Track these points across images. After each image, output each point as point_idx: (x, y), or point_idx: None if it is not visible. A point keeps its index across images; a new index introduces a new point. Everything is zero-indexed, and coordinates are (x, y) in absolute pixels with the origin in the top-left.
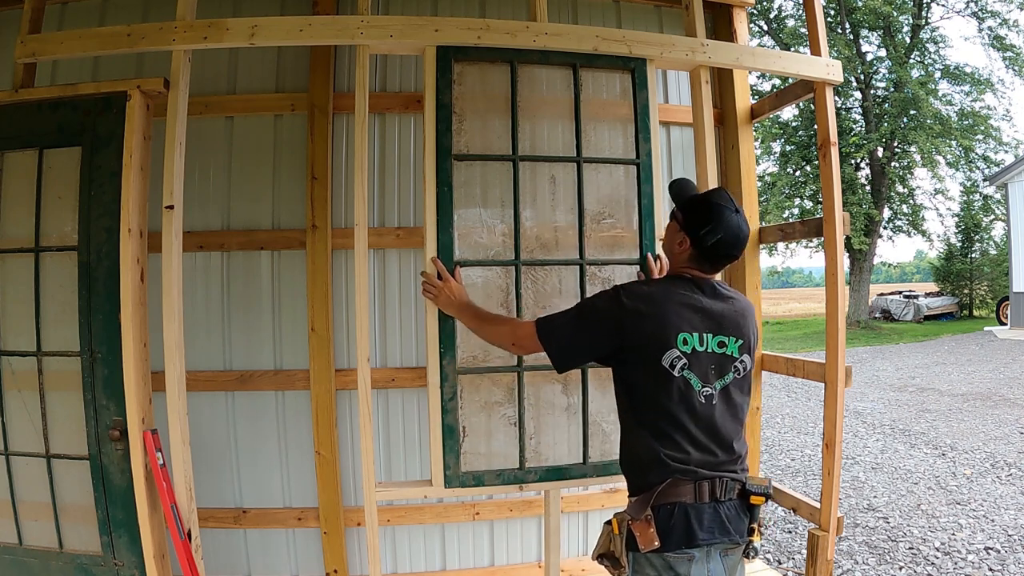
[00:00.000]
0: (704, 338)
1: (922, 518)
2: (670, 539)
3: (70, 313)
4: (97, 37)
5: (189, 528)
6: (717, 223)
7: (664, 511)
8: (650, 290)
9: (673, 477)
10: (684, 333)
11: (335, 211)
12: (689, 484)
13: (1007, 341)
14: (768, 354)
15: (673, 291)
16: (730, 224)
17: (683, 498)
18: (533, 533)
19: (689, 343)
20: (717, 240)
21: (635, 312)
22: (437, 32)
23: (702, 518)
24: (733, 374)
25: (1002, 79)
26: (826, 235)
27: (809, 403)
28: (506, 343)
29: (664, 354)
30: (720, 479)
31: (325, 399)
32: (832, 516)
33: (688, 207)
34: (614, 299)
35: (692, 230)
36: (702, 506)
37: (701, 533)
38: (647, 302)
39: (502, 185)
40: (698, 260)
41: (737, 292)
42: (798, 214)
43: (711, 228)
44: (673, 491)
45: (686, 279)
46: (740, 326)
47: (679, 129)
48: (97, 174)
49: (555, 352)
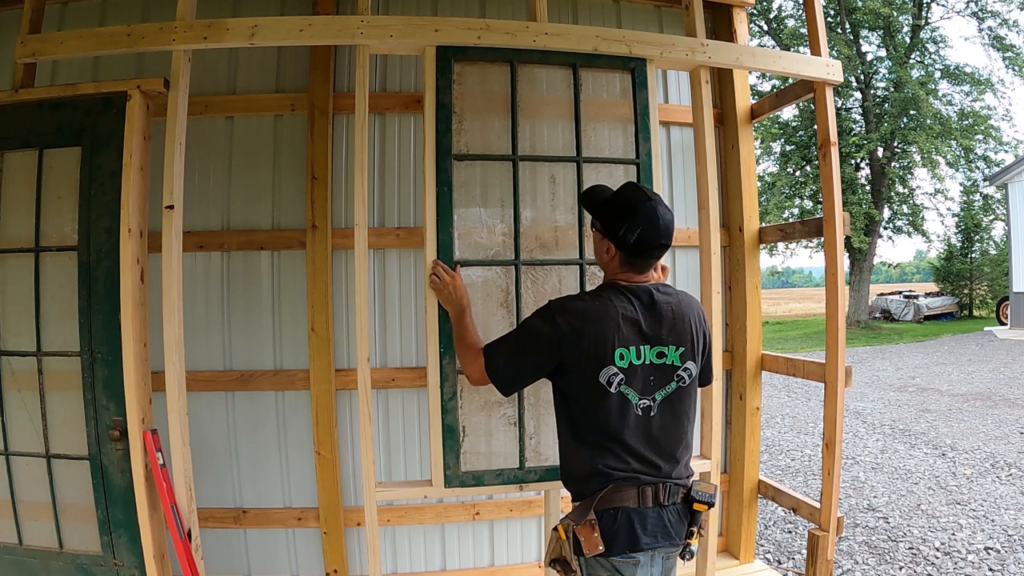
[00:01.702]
0: (641, 351)
1: (922, 518)
2: (614, 544)
3: (70, 313)
4: (97, 37)
5: (189, 528)
6: (633, 217)
7: (607, 516)
8: (584, 306)
9: (615, 483)
10: (620, 348)
11: (335, 211)
12: (632, 489)
13: (1007, 341)
14: (768, 354)
15: (608, 304)
16: (647, 214)
17: (626, 503)
18: (533, 533)
19: (626, 358)
20: (638, 234)
21: (571, 331)
22: (437, 32)
23: (646, 523)
24: (676, 383)
25: (1002, 79)
26: (826, 235)
27: (809, 403)
28: (465, 370)
29: (601, 371)
30: (664, 484)
31: (325, 399)
32: (832, 516)
33: (602, 211)
34: (549, 320)
35: (612, 234)
36: (646, 511)
37: (645, 538)
38: (582, 319)
39: (502, 185)
40: (629, 262)
41: (678, 291)
42: (798, 214)
43: (628, 225)
44: (616, 496)
45: (620, 288)
46: (680, 332)
47: (679, 129)
48: (97, 174)
49: (500, 384)
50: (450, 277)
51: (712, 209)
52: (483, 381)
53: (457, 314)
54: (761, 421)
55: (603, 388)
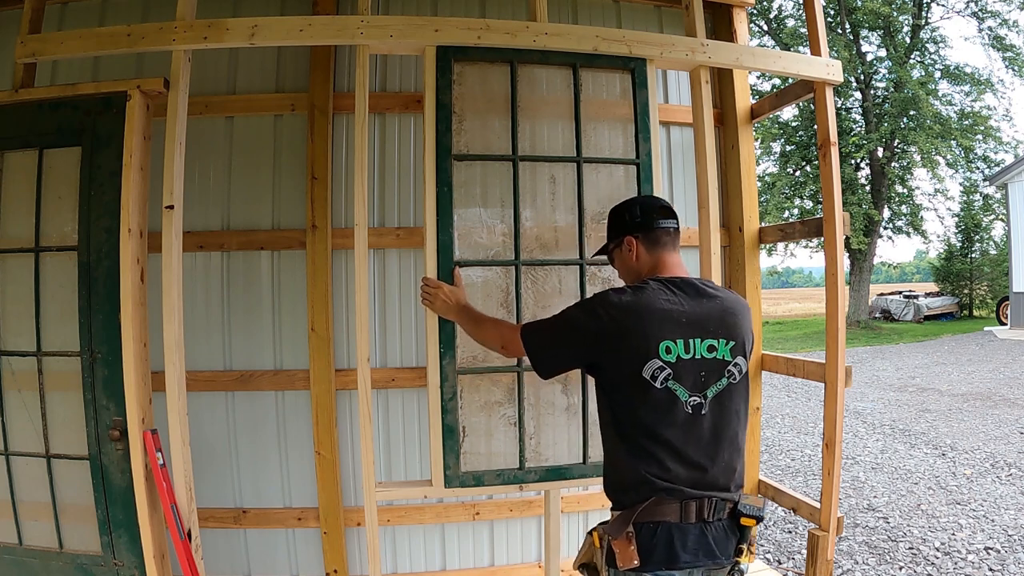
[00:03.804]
0: (691, 344)
1: (922, 518)
2: (650, 559)
3: (70, 313)
4: (97, 37)
5: (189, 528)
6: (629, 204)
7: (647, 530)
8: (628, 299)
9: (657, 495)
10: (667, 341)
11: (335, 211)
12: (675, 503)
13: (1007, 341)
14: (768, 354)
15: (653, 297)
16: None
17: (667, 517)
18: (533, 533)
19: (673, 351)
20: (640, 207)
21: (612, 324)
22: (437, 32)
23: (686, 539)
24: (728, 379)
25: (1002, 79)
26: (826, 235)
27: (809, 403)
28: (495, 345)
29: (644, 365)
30: (709, 499)
31: (325, 399)
32: (832, 516)
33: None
34: (591, 311)
35: (624, 229)
36: (687, 527)
37: (684, 555)
38: (624, 312)
39: (502, 185)
40: (652, 240)
41: (726, 290)
42: (798, 214)
43: (629, 209)
44: (657, 510)
45: (662, 280)
46: (731, 326)
47: (679, 129)
48: (97, 174)
49: (536, 360)
50: (435, 287)
51: (712, 209)
52: (515, 350)
53: (458, 313)
54: (761, 421)
55: (646, 383)
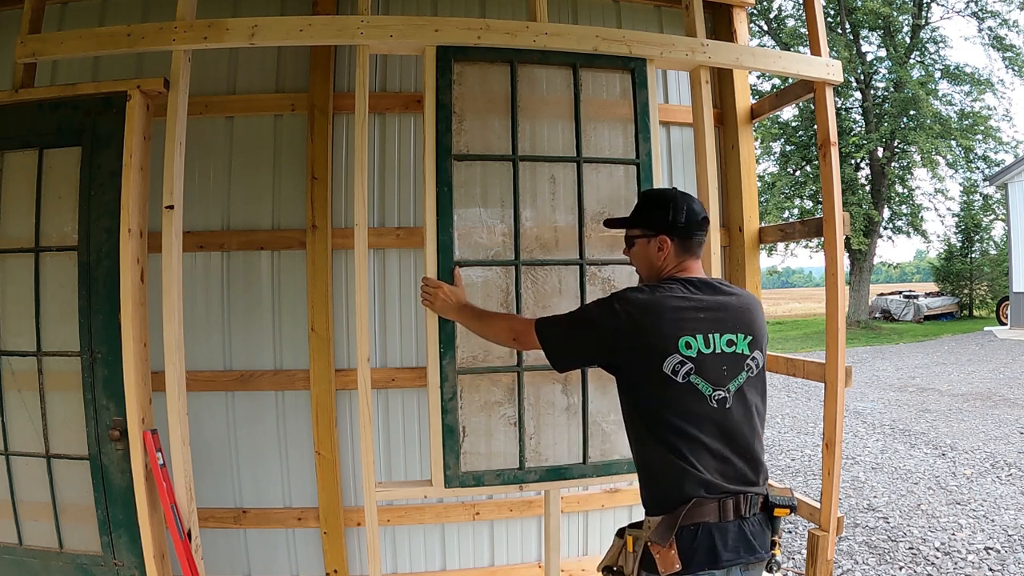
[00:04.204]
0: (711, 339)
1: (922, 518)
2: (692, 562)
3: (70, 313)
4: (97, 37)
5: (189, 528)
6: (675, 202)
7: (687, 532)
8: (646, 297)
9: (697, 496)
10: (686, 336)
11: (335, 211)
12: (713, 503)
13: (1007, 341)
14: (768, 354)
15: (670, 295)
16: (681, 196)
17: (707, 518)
18: (533, 533)
19: (693, 346)
20: (686, 211)
21: (630, 322)
22: (437, 32)
23: (727, 537)
24: (746, 372)
25: (1002, 79)
26: (826, 235)
27: (809, 403)
28: (506, 339)
29: (664, 361)
30: (744, 495)
31: (325, 399)
32: (832, 516)
33: (640, 215)
34: (608, 309)
35: (661, 225)
36: (727, 525)
37: (726, 553)
38: (642, 310)
39: (502, 185)
40: (685, 247)
41: (739, 288)
42: (798, 214)
43: (673, 208)
44: (697, 511)
45: (680, 281)
46: (747, 322)
47: (679, 129)
48: (97, 174)
49: (551, 352)
50: (435, 287)
51: (712, 209)
52: (527, 342)
53: (459, 311)
54: None
55: (668, 378)
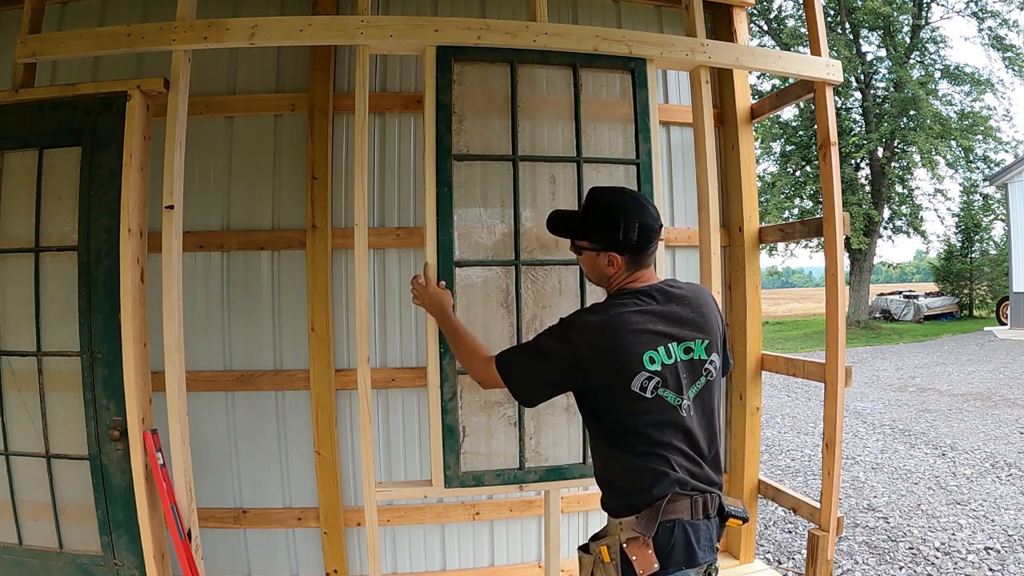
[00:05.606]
0: (670, 349)
1: (922, 518)
2: (670, 560)
3: (70, 313)
4: (97, 37)
5: (189, 528)
6: (624, 213)
7: (664, 529)
8: (599, 319)
9: (672, 492)
10: (649, 351)
11: (335, 211)
12: (686, 500)
13: (1007, 341)
14: (768, 354)
15: (624, 312)
16: (633, 204)
17: (681, 514)
18: (533, 533)
19: (657, 360)
20: (639, 226)
21: (588, 348)
22: (437, 32)
23: (699, 535)
24: (705, 377)
25: (1002, 79)
26: (826, 235)
27: (809, 403)
28: (468, 369)
29: (632, 380)
30: (711, 495)
31: (325, 399)
32: (832, 516)
33: (586, 227)
34: (563, 338)
35: (610, 242)
36: (698, 523)
37: (700, 552)
38: (599, 333)
39: (502, 185)
40: (636, 261)
41: (687, 283)
42: (798, 214)
43: (624, 223)
44: (671, 507)
45: (631, 292)
46: (701, 324)
47: (679, 129)
48: (97, 174)
49: (516, 391)
50: (419, 289)
51: (712, 209)
52: (489, 383)
53: (440, 318)
54: (761, 421)
55: (638, 396)
